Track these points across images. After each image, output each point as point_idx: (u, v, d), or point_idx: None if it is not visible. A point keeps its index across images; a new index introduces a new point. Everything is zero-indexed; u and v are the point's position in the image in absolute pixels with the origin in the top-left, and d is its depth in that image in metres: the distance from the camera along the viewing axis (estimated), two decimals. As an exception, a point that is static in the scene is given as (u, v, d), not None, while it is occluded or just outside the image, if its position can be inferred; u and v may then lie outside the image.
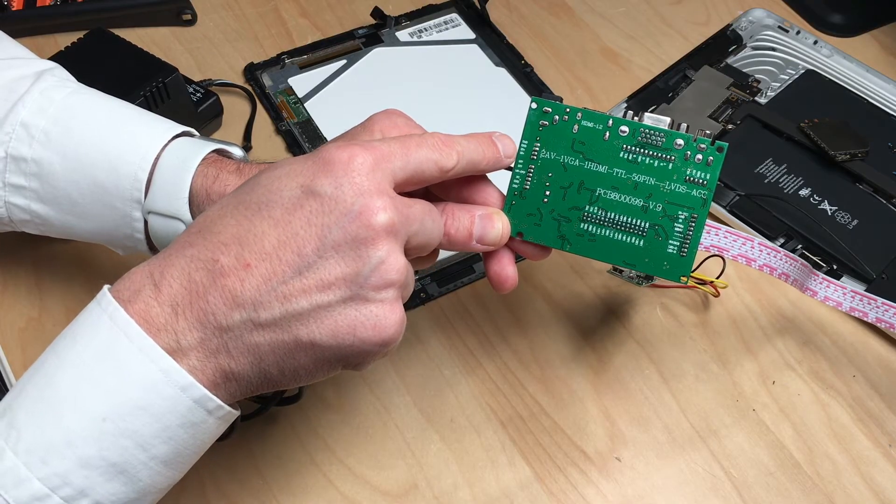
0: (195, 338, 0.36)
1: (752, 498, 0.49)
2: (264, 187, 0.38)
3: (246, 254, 0.36)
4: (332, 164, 0.37)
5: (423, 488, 0.49)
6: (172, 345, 0.36)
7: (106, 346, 0.36)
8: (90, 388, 0.36)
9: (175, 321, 0.36)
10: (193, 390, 0.36)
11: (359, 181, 0.37)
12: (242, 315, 0.36)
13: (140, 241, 0.47)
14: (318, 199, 0.36)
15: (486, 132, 0.43)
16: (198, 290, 0.36)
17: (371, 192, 0.37)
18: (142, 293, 0.36)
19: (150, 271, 0.37)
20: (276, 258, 0.36)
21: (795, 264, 0.48)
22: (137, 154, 0.45)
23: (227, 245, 0.37)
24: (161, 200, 0.45)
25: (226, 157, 0.47)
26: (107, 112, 0.47)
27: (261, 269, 0.36)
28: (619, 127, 0.44)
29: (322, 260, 0.36)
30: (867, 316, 0.51)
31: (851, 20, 0.75)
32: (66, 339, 0.37)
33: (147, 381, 0.36)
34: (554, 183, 0.44)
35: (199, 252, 0.37)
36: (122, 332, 0.36)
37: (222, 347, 0.36)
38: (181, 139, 0.47)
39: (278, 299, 0.36)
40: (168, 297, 0.36)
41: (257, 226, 0.37)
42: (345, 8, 0.74)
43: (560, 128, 0.44)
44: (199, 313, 0.36)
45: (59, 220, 0.48)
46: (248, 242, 0.36)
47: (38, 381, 0.36)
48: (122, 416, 0.35)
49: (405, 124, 0.43)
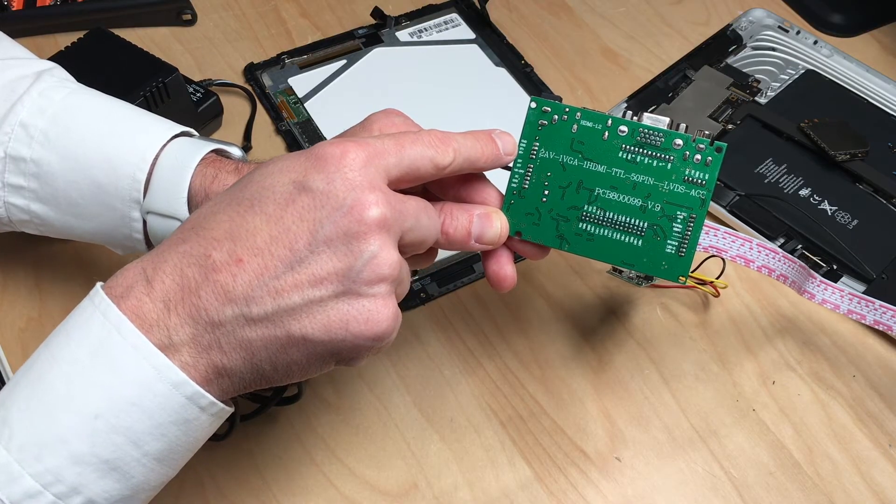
0: (187, 333, 0.36)
1: (752, 498, 0.49)
2: (257, 184, 0.38)
3: (238, 249, 0.36)
4: (324, 159, 0.37)
5: (423, 488, 0.49)
6: (164, 341, 0.36)
7: (98, 343, 0.36)
8: (83, 385, 0.36)
9: (167, 317, 0.36)
10: (186, 387, 0.36)
11: (351, 176, 0.37)
12: (234, 310, 0.36)
13: (139, 241, 0.47)
14: (311, 195, 0.36)
15: (485, 130, 0.43)
16: (190, 286, 0.36)
17: (363, 187, 0.37)
18: (134, 289, 0.36)
19: (143, 268, 0.37)
20: (269, 253, 0.36)
21: (794, 266, 0.48)
22: (136, 154, 0.45)
23: (219, 241, 0.37)
24: (160, 200, 0.45)
25: (225, 157, 0.47)
26: (106, 112, 0.47)
27: (253, 265, 0.36)
28: (618, 127, 0.44)
29: (314, 255, 0.36)
30: (865, 318, 0.51)
31: (851, 20, 0.75)
32: (59, 336, 0.37)
33: (139, 378, 0.36)
34: (553, 182, 0.44)
35: (192, 248, 0.37)
36: (115, 329, 0.36)
37: (214, 343, 0.36)
38: (180, 139, 0.47)
39: (270, 294, 0.36)
40: (160, 293, 0.36)
41: (249, 221, 0.37)
42: (345, 8, 0.74)
43: (559, 127, 0.44)
44: (192, 309, 0.36)
45: (58, 220, 0.48)
46: (240, 238, 0.36)
47: (31, 378, 0.36)
48: (114, 413, 0.35)
49: (403, 123, 0.43)
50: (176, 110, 0.60)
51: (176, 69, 0.60)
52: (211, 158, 0.46)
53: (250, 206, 0.37)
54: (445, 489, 0.49)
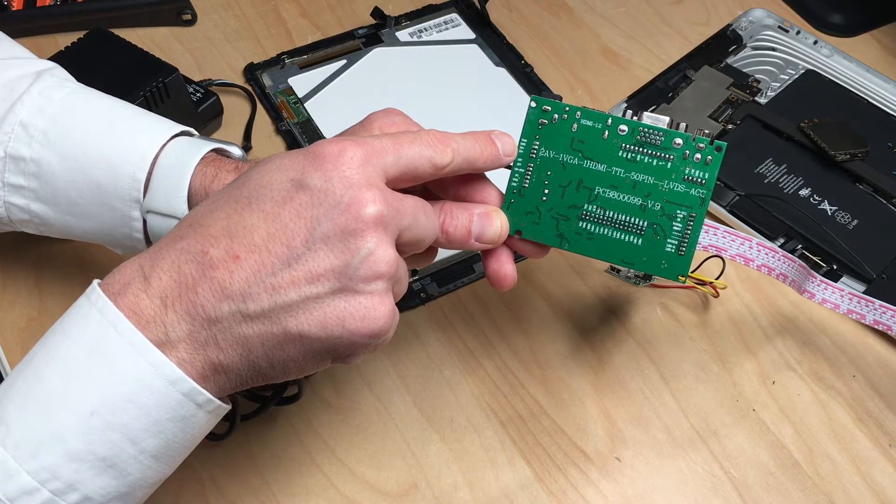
0: (184, 330, 0.36)
1: (752, 498, 0.49)
2: (255, 181, 0.38)
3: (235, 246, 0.36)
4: (322, 157, 0.37)
5: (423, 488, 0.49)
6: (161, 337, 0.36)
7: (95, 340, 0.36)
8: (79, 382, 0.36)
9: (164, 313, 0.36)
10: (182, 384, 0.36)
11: (349, 174, 0.37)
12: (231, 307, 0.36)
13: (139, 240, 0.47)
14: (308, 192, 0.37)
15: (485, 130, 0.43)
16: (187, 283, 0.36)
17: (360, 184, 0.37)
18: (131, 286, 0.36)
19: (141, 264, 0.37)
20: (266, 250, 0.36)
21: (794, 265, 0.48)
22: (136, 154, 0.45)
23: (216, 238, 0.37)
24: (160, 200, 0.45)
25: (225, 156, 0.47)
26: (106, 112, 0.47)
27: (250, 262, 0.36)
28: (618, 126, 0.44)
29: (311, 252, 0.36)
30: (864, 318, 0.51)
31: (851, 20, 0.75)
32: (55, 333, 0.37)
33: (136, 375, 0.36)
34: (553, 181, 0.44)
35: (189, 245, 0.37)
36: (112, 326, 0.36)
37: (211, 339, 0.36)
38: (180, 139, 0.47)
39: (267, 291, 0.36)
40: (157, 290, 0.36)
41: (247, 219, 0.37)
42: (345, 8, 0.74)
43: (559, 126, 0.44)
44: (189, 305, 0.36)
45: (58, 219, 0.48)
46: (237, 235, 0.37)
47: (28, 375, 0.37)
48: (111, 411, 0.35)
49: (403, 122, 0.43)
50: (176, 110, 0.60)
51: (176, 69, 0.60)
52: (211, 158, 0.46)
53: (248, 204, 0.37)
54: (445, 489, 0.49)
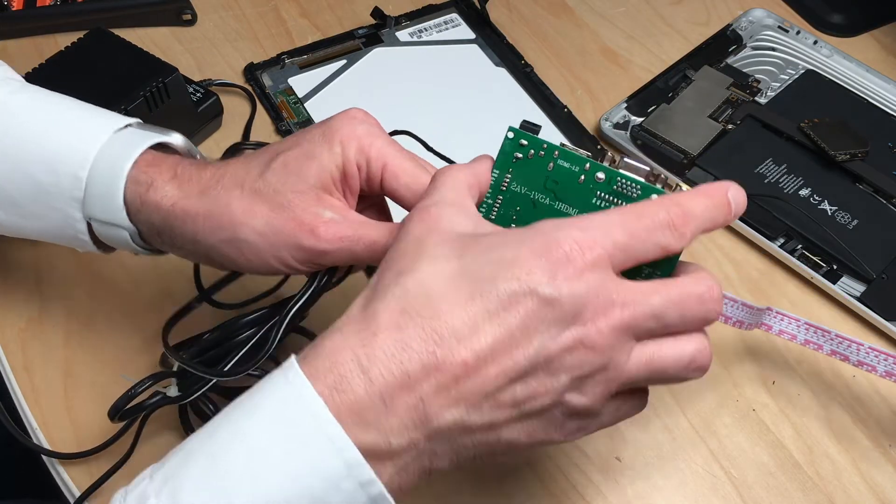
0: (406, 438, 0.33)
1: (752, 498, 0.49)
2: (491, 264, 0.34)
3: (462, 350, 0.33)
4: (562, 263, 0.34)
5: (423, 488, 0.49)
6: (382, 445, 0.33)
7: (291, 425, 0.33)
8: (266, 469, 0.33)
9: (385, 417, 0.33)
10: (372, 487, 0.33)
11: (589, 296, 0.34)
12: (454, 416, 0.34)
13: (86, 242, 0.45)
14: (541, 303, 0.33)
15: (718, 185, 0.38)
16: (410, 385, 0.33)
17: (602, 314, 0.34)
18: (350, 381, 0.33)
19: (356, 353, 0.33)
20: (492, 361, 0.33)
21: (744, 309, 0.46)
22: (77, 152, 0.43)
23: (442, 337, 0.33)
24: (97, 207, 0.43)
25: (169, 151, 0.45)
26: (47, 110, 0.46)
27: (477, 370, 0.33)
28: (595, 172, 0.40)
29: (535, 370, 0.34)
30: (822, 348, 0.49)
31: (851, 20, 0.75)
32: (243, 409, 0.34)
33: (330, 473, 0.33)
34: (520, 218, 0.41)
35: (411, 339, 0.33)
36: (309, 413, 0.33)
37: (429, 449, 0.34)
38: (117, 135, 0.44)
39: (490, 405, 0.34)
40: (378, 389, 0.33)
41: (473, 317, 0.34)
42: (345, 8, 0.74)
43: (535, 163, 0.41)
44: (412, 412, 0.33)
45: (6, 220, 0.46)
46: (464, 337, 0.33)
47: (211, 449, 0.34)
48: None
49: (367, 132, 0.41)
50: (176, 110, 0.60)
51: (176, 69, 0.60)
52: (148, 160, 0.43)
53: (471, 298, 0.34)
54: (445, 489, 0.49)
